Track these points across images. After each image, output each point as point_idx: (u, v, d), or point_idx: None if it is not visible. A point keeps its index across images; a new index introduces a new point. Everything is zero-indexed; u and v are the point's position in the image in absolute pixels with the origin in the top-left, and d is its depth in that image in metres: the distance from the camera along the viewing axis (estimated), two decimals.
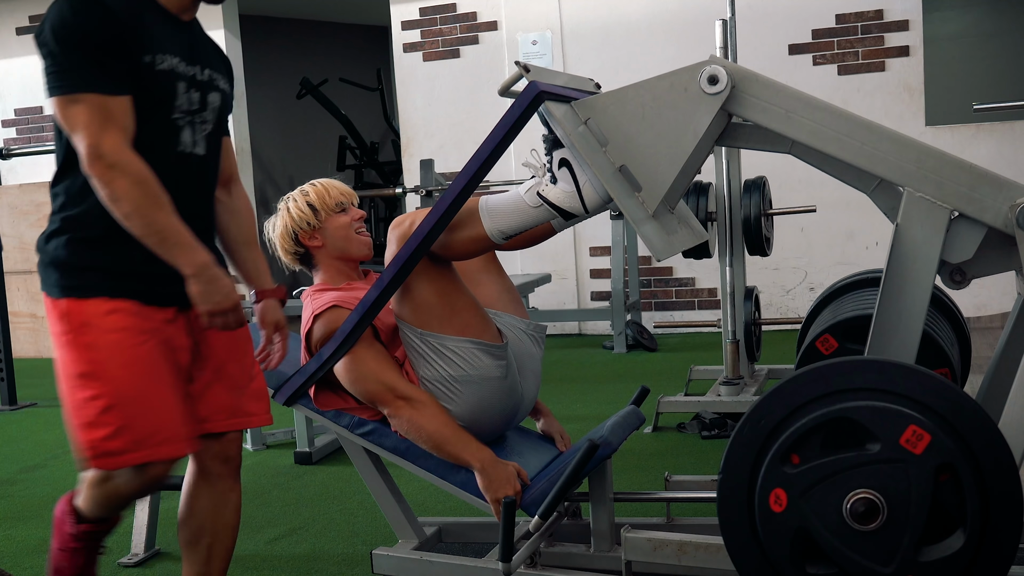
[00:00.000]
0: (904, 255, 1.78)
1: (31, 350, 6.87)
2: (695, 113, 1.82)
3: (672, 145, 1.83)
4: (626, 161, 1.85)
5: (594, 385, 4.75)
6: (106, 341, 1.72)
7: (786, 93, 1.82)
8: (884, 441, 1.57)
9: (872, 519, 1.57)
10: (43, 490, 3.57)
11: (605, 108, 1.86)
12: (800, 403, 1.62)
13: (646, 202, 1.84)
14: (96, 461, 1.76)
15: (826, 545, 1.61)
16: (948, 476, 1.56)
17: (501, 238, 2.04)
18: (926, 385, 1.58)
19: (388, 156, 9.75)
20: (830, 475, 1.60)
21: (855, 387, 1.60)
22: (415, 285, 2.11)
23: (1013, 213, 1.71)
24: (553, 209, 1.99)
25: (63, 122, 1.67)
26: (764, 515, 1.63)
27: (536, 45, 6.11)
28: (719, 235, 3.86)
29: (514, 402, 2.24)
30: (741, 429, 1.66)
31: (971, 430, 1.56)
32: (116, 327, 1.72)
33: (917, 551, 1.57)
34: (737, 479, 1.66)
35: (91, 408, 1.72)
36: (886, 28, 5.57)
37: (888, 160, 1.78)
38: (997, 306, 5.44)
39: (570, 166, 1.97)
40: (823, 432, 1.61)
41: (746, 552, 1.67)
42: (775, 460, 1.62)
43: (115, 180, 1.63)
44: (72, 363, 1.73)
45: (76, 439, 1.77)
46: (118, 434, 1.72)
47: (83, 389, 1.72)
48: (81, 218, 1.73)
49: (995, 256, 1.79)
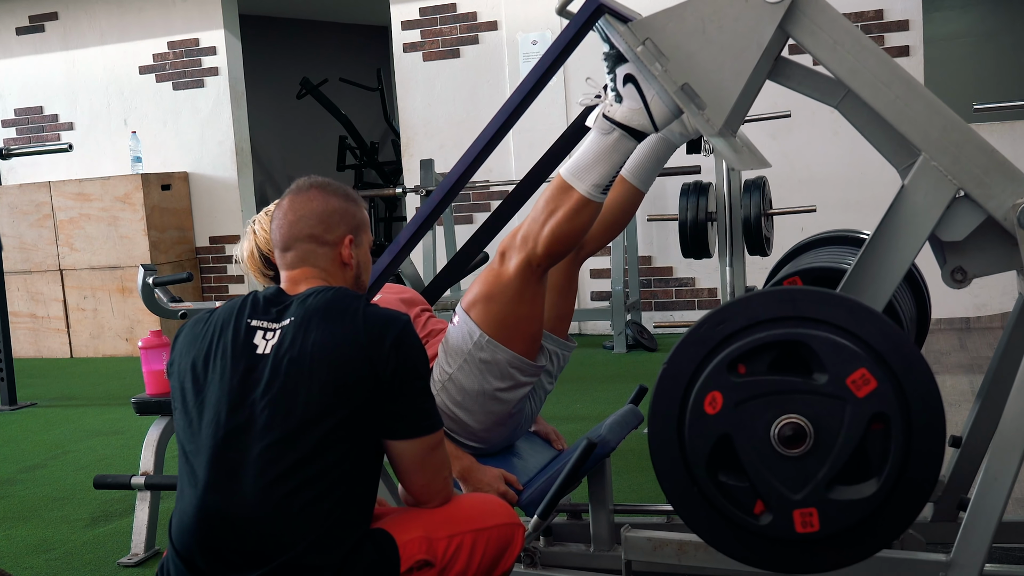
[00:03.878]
0: (900, 217, 1.78)
1: (31, 350, 6.87)
2: (758, 23, 1.77)
3: (735, 59, 1.79)
4: (688, 79, 1.80)
5: (594, 385, 4.75)
6: None
7: (839, 24, 1.79)
8: (832, 376, 1.59)
9: (796, 445, 1.60)
10: (43, 490, 3.57)
11: (664, 26, 1.81)
12: (763, 318, 1.64)
13: (711, 120, 1.80)
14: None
15: (745, 458, 1.63)
16: (880, 426, 1.59)
17: (599, 192, 1.99)
18: (888, 336, 1.60)
19: (388, 156, 9.75)
20: (770, 393, 1.62)
21: (820, 318, 1.62)
22: (501, 296, 2.06)
23: (1015, 212, 1.71)
24: (623, 130, 1.93)
25: (433, 456, 1.68)
26: (695, 413, 1.65)
27: (536, 45, 6.11)
28: (719, 235, 3.86)
29: (527, 416, 2.26)
30: (699, 326, 1.67)
31: (916, 392, 1.59)
32: None
33: (829, 487, 1.61)
34: (679, 371, 1.67)
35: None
36: (886, 28, 5.57)
37: (916, 120, 1.76)
38: (997, 306, 5.43)
39: (635, 81, 1.91)
40: (776, 351, 1.63)
41: (666, 445, 1.68)
42: (722, 364, 1.64)
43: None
44: None
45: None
46: None
47: None
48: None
49: (996, 255, 1.79)
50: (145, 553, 2.78)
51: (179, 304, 3.42)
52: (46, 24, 7.19)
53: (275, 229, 1.76)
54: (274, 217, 1.77)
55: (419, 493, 1.70)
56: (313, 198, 1.75)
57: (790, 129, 5.38)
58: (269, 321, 1.65)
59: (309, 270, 1.73)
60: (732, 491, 1.65)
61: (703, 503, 1.67)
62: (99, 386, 5.68)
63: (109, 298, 6.63)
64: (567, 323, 2.33)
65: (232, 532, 1.57)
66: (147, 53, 6.99)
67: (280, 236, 1.75)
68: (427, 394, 1.66)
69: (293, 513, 1.55)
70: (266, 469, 1.56)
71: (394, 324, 1.62)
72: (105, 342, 6.68)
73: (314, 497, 1.55)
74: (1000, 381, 2.16)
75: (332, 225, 1.74)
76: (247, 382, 1.61)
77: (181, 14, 6.89)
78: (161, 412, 2.89)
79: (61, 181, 6.74)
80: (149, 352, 2.89)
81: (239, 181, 6.90)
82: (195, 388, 1.65)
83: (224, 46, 6.83)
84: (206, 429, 1.61)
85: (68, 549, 2.93)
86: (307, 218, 1.73)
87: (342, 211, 1.75)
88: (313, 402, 1.57)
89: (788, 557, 1.67)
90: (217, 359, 1.64)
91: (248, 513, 1.56)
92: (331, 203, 1.75)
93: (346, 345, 1.58)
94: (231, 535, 1.57)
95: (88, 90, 7.15)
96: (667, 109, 1.91)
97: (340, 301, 1.65)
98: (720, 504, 1.66)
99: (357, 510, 1.61)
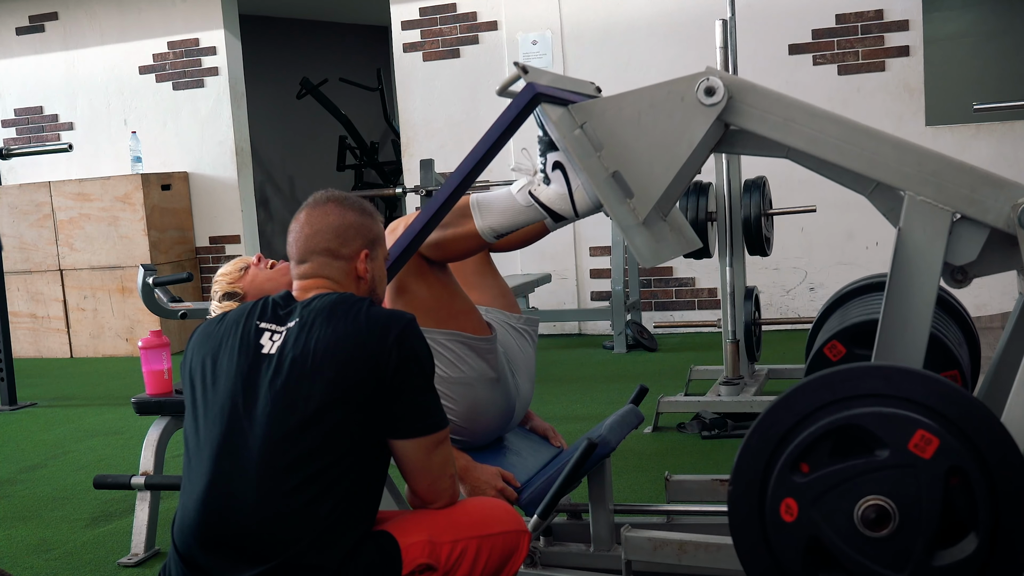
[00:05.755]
0: (908, 259, 1.77)
1: (31, 350, 6.87)
2: (691, 123, 1.82)
3: (666, 153, 1.84)
4: (620, 167, 1.85)
5: (594, 385, 4.75)
6: None
7: (784, 102, 1.82)
8: (892, 447, 1.56)
9: (884, 525, 1.57)
10: (43, 490, 3.57)
11: (602, 113, 1.86)
12: (807, 411, 1.61)
13: (637, 209, 1.84)
14: None
15: (838, 553, 1.60)
16: (958, 479, 1.56)
17: (492, 236, 2.05)
18: (931, 389, 1.58)
19: (388, 156, 9.75)
20: (840, 483, 1.59)
21: (861, 393, 1.59)
22: (410, 284, 2.11)
23: (1015, 213, 1.71)
24: (544, 210, 2.00)
25: (437, 455, 1.67)
26: (775, 525, 1.62)
27: (536, 45, 6.10)
28: (719, 235, 3.86)
29: (510, 404, 2.24)
30: (750, 439, 1.65)
31: (978, 432, 1.56)
32: None
33: (930, 556, 1.57)
34: (747, 490, 1.65)
35: None
36: (886, 28, 5.57)
37: (888, 164, 1.78)
38: (997, 306, 5.43)
39: (564, 169, 1.97)
40: (831, 440, 1.61)
41: (759, 563, 1.66)
42: (784, 469, 1.61)
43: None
44: None
45: None
46: None
47: None
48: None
49: (997, 256, 1.79)
50: (145, 553, 2.78)
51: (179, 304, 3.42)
52: (46, 24, 7.19)
53: (291, 242, 1.78)
54: (291, 230, 1.79)
55: (425, 493, 1.70)
56: (330, 212, 1.76)
57: None
58: (276, 323, 1.67)
59: (321, 280, 1.74)
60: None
61: None
62: (99, 386, 5.68)
63: (109, 298, 6.63)
64: (509, 298, 2.38)
65: (232, 530, 1.57)
66: (147, 53, 6.99)
67: (296, 249, 1.76)
68: (430, 392, 1.65)
69: (293, 511, 1.55)
70: (267, 466, 1.56)
71: (396, 322, 1.62)
72: (105, 342, 6.68)
73: (315, 496, 1.55)
74: (1000, 381, 2.16)
75: (348, 239, 1.75)
76: (252, 381, 1.61)
77: (181, 14, 6.89)
78: (161, 412, 2.89)
79: (61, 181, 6.74)
80: (149, 352, 2.89)
81: (239, 181, 6.90)
82: (203, 387, 1.67)
83: (224, 46, 6.83)
84: (210, 427, 1.62)
85: (68, 549, 2.93)
86: (323, 232, 1.74)
87: (358, 225, 1.76)
88: (315, 400, 1.57)
89: None
90: (225, 359, 1.66)
91: (248, 511, 1.56)
92: (348, 217, 1.76)
93: (349, 343, 1.59)
94: (231, 533, 1.57)
95: (88, 90, 7.15)
96: (589, 200, 1.97)
97: (343, 302, 1.65)
98: None
99: (359, 510, 1.61)
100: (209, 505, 1.59)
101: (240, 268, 2.33)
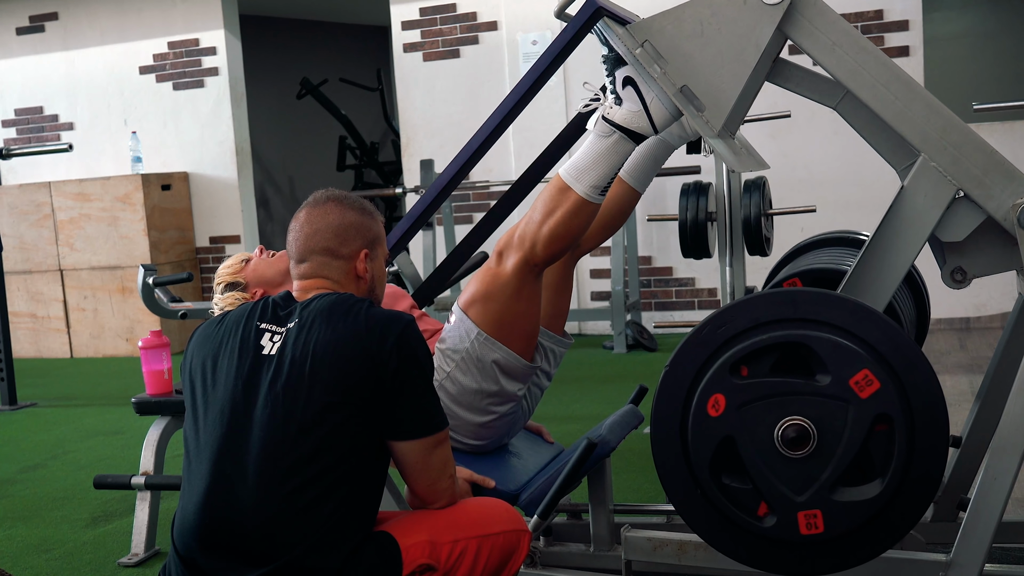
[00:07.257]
0: (900, 218, 1.78)
1: (31, 350, 6.87)
2: (756, 25, 1.78)
3: (733, 60, 1.79)
4: (687, 81, 1.80)
5: (594, 385, 4.75)
6: None
7: (838, 26, 1.79)
8: (835, 377, 1.60)
9: (800, 447, 1.61)
10: (43, 490, 3.57)
11: (662, 28, 1.82)
12: (765, 320, 1.64)
13: (710, 122, 1.80)
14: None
15: (748, 460, 1.63)
16: (884, 427, 1.59)
17: (598, 194, 2.00)
18: (888, 335, 1.61)
19: (388, 156, 9.75)
20: (773, 395, 1.62)
21: (821, 319, 1.62)
22: (498, 295, 2.07)
23: (1015, 212, 1.71)
24: (622, 132, 1.93)
25: (437, 455, 1.67)
26: (698, 416, 1.65)
27: (536, 45, 6.10)
28: (719, 235, 3.86)
29: (522, 416, 2.27)
30: (701, 328, 1.67)
31: (917, 389, 1.59)
32: None
33: (832, 489, 1.61)
34: (681, 374, 1.68)
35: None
36: (886, 28, 5.57)
37: (915, 121, 1.77)
38: (997, 306, 5.43)
39: (635, 84, 1.91)
40: (778, 353, 1.64)
41: (669, 447, 1.68)
42: (724, 366, 1.64)
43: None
44: None
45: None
46: None
47: None
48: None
49: (996, 255, 1.79)
50: (145, 553, 2.78)
51: (179, 304, 3.42)
52: (46, 24, 7.19)
53: (291, 241, 1.78)
54: (290, 229, 1.79)
55: (424, 494, 1.70)
56: (330, 211, 1.76)
57: (790, 129, 5.38)
58: (276, 324, 1.67)
59: (321, 280, 1.74)
60: (735, 493, 1.66)
61: (706, 505, 1.68)
62: (99, 386, 5.68)
63: (109, 298, 6.63)
64: (563, 320, 2.34)
65: (232, 532, 1.57)
66: (147, 53, 6.99)
67: (296, 248, 1.76)
68: (430, 393, 1.65)
69: (294, 514, 1.55)
70: (267, 468, 1.56)
71: (396, 323, 1.62)
72: (105, 342, 6.68)
73: (315, 497, 1.55)
74: (1000, 381, 2.16)
75: (348, 239, 1.75)
76: (252, 382, 1.61)
77: (181, 14, 6.89)
78: (161, 412, 2.89)
79: (61, 181, 6.74)
80: (149, 352, 2.89)
81: (239, 181, 6.90)
82: (203, 387, 1.66)
83: (224, 46, 6.83)
84: (210, 428, 1.62)
85: (68, 549, 2.93)
86: (323, 231, 1.74)
87: (358, 225, 1.76)
88: (315, 402, 1.57)
89: (791, 559, 1.67)
90: (225, 360, 1.65)
91: (248, 513, 1.56)
92: (348, 217, 1.76)
93: (348, 344, 1.59)
94: (231, 535, 1.57)
95: (88, 90, 7.15)
96: (666, 111, 1.91)
97: (343, 303, 1.65)
98: (723, 506, 1.66)
99: (359, 512, 1.61)
100: (209, 507, 1.59)
101: (242, 260, 2.34)
